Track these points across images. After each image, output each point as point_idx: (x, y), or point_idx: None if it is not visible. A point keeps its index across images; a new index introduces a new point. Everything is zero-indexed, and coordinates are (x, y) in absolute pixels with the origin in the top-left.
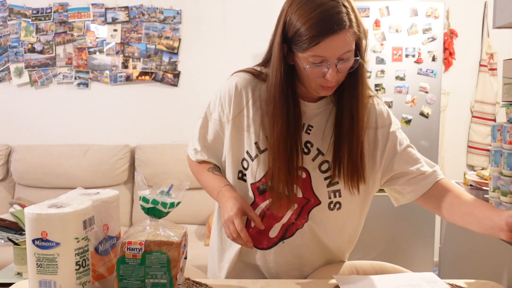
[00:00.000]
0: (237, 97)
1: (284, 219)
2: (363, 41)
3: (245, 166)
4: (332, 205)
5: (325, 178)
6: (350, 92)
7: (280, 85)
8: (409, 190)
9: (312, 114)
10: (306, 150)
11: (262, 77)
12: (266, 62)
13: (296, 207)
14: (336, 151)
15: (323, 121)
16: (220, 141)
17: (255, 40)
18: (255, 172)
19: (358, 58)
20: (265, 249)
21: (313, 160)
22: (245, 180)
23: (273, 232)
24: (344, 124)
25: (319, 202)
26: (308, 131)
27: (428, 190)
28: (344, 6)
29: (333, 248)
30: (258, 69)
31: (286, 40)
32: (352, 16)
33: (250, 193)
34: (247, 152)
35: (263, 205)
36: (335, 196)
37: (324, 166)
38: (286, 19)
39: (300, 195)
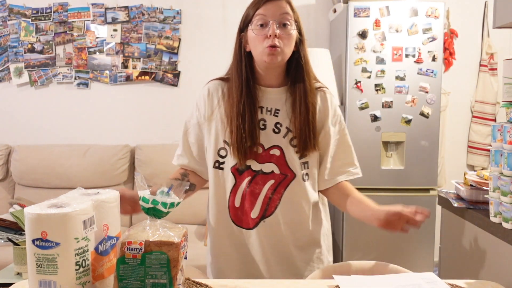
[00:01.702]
0: (210, 98)
1: (262, 194)
2: (300, 23)
3: (223, 154)
4: (304, 176)
5: (296, 152)
6: (298, 80)
7: (239, 64)
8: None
9: (275, 99)
10: (276, 130)
11: (229, 80)
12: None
13: (273, 182)
14: (297, 128)
15: (288, 106)
16: (201, 143)
17: None
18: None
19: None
20: (250, 229)
21: (284, 137)
22: (221, 168)
23: (254, 213)
24: (298, 106)
25: (295, 175)
26: (276, 114)
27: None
28: None
29: (307, 221)
30: (226, 77)
31: (241, 31)
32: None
33: (231, 176)
34: (225, 141)
35: (244, 184)
36: (305, 168)
37: (295, 142)
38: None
39: (277, 171)
